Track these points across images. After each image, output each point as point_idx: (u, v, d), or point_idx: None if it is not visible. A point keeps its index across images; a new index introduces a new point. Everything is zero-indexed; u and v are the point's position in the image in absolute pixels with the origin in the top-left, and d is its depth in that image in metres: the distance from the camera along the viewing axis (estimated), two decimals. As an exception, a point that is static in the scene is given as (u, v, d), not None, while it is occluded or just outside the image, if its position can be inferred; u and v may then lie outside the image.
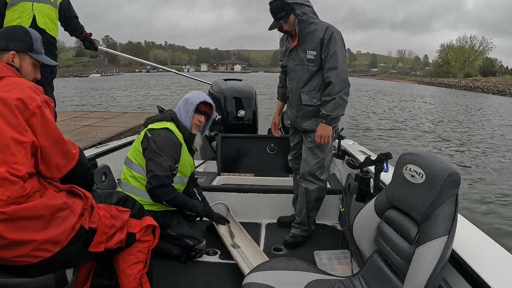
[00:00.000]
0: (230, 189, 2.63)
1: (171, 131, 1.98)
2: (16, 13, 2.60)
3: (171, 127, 2.00)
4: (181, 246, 2.06)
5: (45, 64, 1.48)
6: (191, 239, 2.08)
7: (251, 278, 1.34)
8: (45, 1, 2.73)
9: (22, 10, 2.61)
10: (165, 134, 1.95)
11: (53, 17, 2.82)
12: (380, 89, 35.23)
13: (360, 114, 15.22)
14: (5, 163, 1.10)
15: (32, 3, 2.64)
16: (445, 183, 1.06)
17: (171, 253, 2.06)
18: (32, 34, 1.43)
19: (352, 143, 3.19)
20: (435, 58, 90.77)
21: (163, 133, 1.95)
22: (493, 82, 48.28)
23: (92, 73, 73.32)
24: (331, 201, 2.52)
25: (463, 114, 17.64)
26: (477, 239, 1.26)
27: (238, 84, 3.99)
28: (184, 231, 2.09)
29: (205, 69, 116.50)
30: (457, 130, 12.42)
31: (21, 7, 2.60)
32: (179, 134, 2.02)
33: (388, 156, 1.74)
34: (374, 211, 1.39)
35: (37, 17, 2.67)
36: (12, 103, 1.16)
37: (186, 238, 2.07)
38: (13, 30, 1.45)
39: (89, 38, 3.23)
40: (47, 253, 1.15)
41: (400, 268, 1.19)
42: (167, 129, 1.97)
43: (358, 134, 10.32)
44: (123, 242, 1.42)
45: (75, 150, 1.36)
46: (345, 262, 2.00)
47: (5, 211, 1.05)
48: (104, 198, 1.47)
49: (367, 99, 23.54)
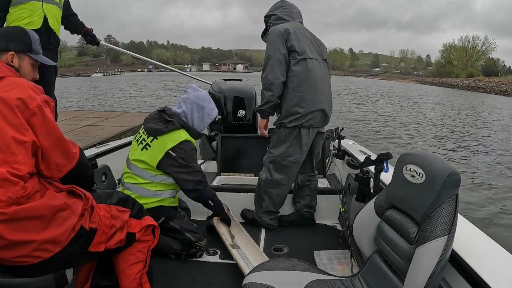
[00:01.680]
0: (230, 189, 2.63)
1: (189, 141, 1.97)
2: (26, 12, 2.57)
3: (186, 136, 1.96)
4: (182, 242, 2.06)
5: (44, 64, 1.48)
6: (192, 234, 2.07)
7: (251, 278, 1.34)
8: (52, 2, 2.73)
9: (32, 9, 2.58)
10: (188, 147, 1.95)
11: (59, 17, 2.84)
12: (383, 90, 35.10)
13: (360, 114, 15.20)
14: (6, 163, 1.11)
15: (41, 3, 2.63)
16: (445, 183, 1.06)
17: (170, 249, 2.05)
18: (31, 34, 1.43)
19: (352, 143, 3.19)
20: (438, 58, 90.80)
21: (186, 147, 1.93)
22: (495, 82, 48.16)
23: (94, 72, 73.64)
24: (331, 201, 2.52)
25: (464, 114, 17.59)
26: (477, 239, 1.25)
27: (238, 84, 3.98)
28: (187, 225, 2.09)
29: (207, 69, 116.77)
30: (458, 130, 12.37)
31: (31, 6, 2.58)
32: (192, 140, 2.01)
33: (388, 156, 1.74)
34: (374, 211, 1.38)
35: (48, 17, 2.67)
36: (13, 103, 1.16)
37: (188, 233, 2.07)
38: (11, 31, 1.45)
39: (90, 33, 3.23)
40: (47, 253, 1.15)
41: (400, 268, 1.19)
42: (187, 141, 1.95)
43: (358, 134, 10.30)
44: (123, 242, 1.42)
45: (75, 149, 1.36)
46: (345, 262, 2.00)
47: (6, 212, 1.05)
48: (104, 198, 1.47)
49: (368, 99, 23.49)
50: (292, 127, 2.23)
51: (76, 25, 3.13)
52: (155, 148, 1.91)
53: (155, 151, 1.91)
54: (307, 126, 2.23)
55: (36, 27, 2.56)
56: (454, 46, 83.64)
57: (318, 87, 2.21)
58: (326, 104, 2.28)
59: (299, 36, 2.22)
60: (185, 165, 1.91)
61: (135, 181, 1.96)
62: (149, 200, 1.94)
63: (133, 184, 1.97)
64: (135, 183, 1.96)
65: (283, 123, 2.26)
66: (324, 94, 2.27)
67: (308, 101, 2.18)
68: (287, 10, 2.36)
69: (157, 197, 1.97)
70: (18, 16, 2.55)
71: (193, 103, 2.03)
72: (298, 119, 2.20)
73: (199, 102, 2.04)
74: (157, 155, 1.90)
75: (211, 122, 2.14)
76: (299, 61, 2.18)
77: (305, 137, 2.25)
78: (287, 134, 2.26)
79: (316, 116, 2.24)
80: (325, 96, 2.28)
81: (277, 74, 2.17)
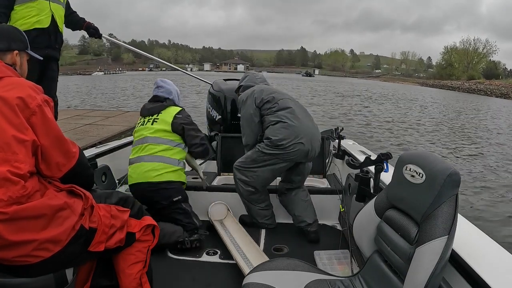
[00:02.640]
0: (230, 189, 2.63)
1: (185, 111, 2.42)
2: (34, 10, 2.56)
3: (181, 109, 2.40)
4: (185, 228, 2.16)
5: (46, 60, 1.51)
6: (198, 219, 2.27)
7: (251, 278, 1.34)
8: (58, 2, 2.74)
9: (40, 8, 2.58)
10: (186, 114, 2.38)
11: (63, 17, 2.86)
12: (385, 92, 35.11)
13: (360, 115, 15.21)
14: (6, 162, 1.10)
15: (49, 2, 2.64)
16: (445, 183, 1.06)
17: (174, 238, 2.10)
18: (23, 32, 1.49)
19: (352, 143, 3.19)
20: (439, 60, 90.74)
21: (185, 114, 2.37)
22: (496, 85, 48.17)
23: (95, 71, 73.53)
24: (331, 201, 2.52)
25: (464, 116, 17.60)
26: (477, 239, 1.25)
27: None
28: (193, 211, 2.28)
29: (208, 69, 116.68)
30: (458, 131, 12.39)
31: (39, 4, 2.58)
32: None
33: (388, 156, 1.74)
34: (374, 211, 1.38)
35: (55, 17, 2.69)
36: (13, 102, 1.16)
37: (194, 217, 2.25)
38: (10, 31, 1.47)
39: (92, 25, 3.24)
40: (47, 252, 1.15)
41: (400, 268, 1.19)
42: (183, 110, 2.39)
43: (358, 134, 10.30)
44: (123, 241, 1.42)
45: (75, 149, 1.36)
46: (345, 262, 1.99)
47: (6, 211, 1.05)
48: (104, 198, 1.47)
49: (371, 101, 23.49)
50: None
51: (77, 20, 3.14)
52: (163, 117, 2.30)
53: (165, 118, 2.30)
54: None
55: (45, 26, 2.58)
56: (456, 48, 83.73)
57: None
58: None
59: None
60: (191, 122, 2.33)
61: (154, 150, 2.22)
62: (171, 168, 2.21)
63: (152, 154, 2.21)
64: (154, 152, 2.21)
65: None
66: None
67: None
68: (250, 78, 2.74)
69: (177, 166, 2.25)
70: (26, 14, 2.55)
71: (176, 91, 2.51)
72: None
73: (177, 88, 2.54)
74: (168, 119, 2.29)
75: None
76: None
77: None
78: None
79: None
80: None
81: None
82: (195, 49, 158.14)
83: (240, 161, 2.43)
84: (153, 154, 2.21)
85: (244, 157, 2.43)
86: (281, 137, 2.22)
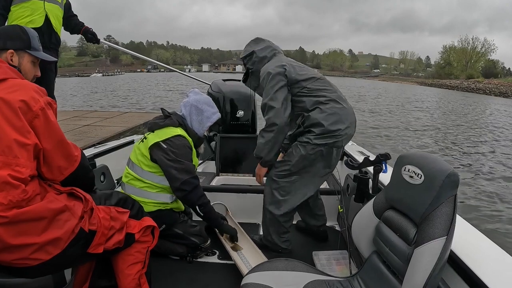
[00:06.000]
0: (229, 189, 2.63)
1: (184, 137, 1.95)
2: (27, 11, 2.58)
3: (182, 133, 1.95)
4: (187, 246, 2.06)
5: (45, 61, 1.47)
6: (197, 238, 2.06)
7: (249, 279, 1.34)
8: (54, 2, 2.74)
9: (33, 8, 2.59)
10: (180, 142, 1.91)
11: (60, 17, 2.85)
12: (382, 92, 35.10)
13: (360, 115, 15.22)
14: (8, 165, 1.10)
15: (43, 2, 2.64)
16: (444, 184, 1.06)
17: (177, 252, 2.06)
18: (29, 31, 1.41)
19: (351, 144, 3.19)
20: (437, 60, 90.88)
21: (178, 142, 1.90)
22: (495, 84, 48.25)
23: (94, 72, 73.36)
24: (329, 202, 2.52)
25: (463, 115, 17.61)
26: (475, 240, 1.26)
27: (237, 85, 3.98)
28: (190, 229, 2.07)
29: (206, 69, 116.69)
30: (457, 131, 12.39)
31: (33, 4, 2.59)
32: (189, 139, 1.99)
33: (386, 157, 1.74)
34: (372, 211, 1.38)
35: (50, 16, 2.68)
36: (16, 105, 1.15)
37: (193, 237, 2.05)
38: (9, 29, 1.43)
39: (90, 31, 3.24)
40: (47, 255, 1.15)
41: (399, 269, 1.19)
42: (180, 136, 1.93)
43: (356, 134, 10.27)
44: (122, 242, 1.42)
45: (77, 152, 1.35)
46: (344, 262, 2.00)
47: (6, 215, 1.05)
48: (103, 199, 1.47)
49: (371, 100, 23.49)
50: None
51: (76, 24, 3.14)
52: (149, 139, 1.91)
53: (149, 141, 1.90)
54: None
55: (38, 26, 2.58)
56: (454, 48, 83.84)
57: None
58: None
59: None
60: (175, 160, 1.84)
61: (139, 185, 1.92)
62: (152, 202, 1.92)
63: (138, 188, 1.92)
64: (139, 187, 1.92)
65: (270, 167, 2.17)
66: None
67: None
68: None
69: (168, 202, 1.97)
70: (20, 14, 2.56)
71: (192, 106, 2.04)
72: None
73: (198, 105, 2.04)
74: (150, 144, 1.89)
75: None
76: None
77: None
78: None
79: None
80: None
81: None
82: (194, 50, 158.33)
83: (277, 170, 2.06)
84: (131, 185, 1.95)
85: (281, 163, 2.05)
86: (333, 121, 1.90)
